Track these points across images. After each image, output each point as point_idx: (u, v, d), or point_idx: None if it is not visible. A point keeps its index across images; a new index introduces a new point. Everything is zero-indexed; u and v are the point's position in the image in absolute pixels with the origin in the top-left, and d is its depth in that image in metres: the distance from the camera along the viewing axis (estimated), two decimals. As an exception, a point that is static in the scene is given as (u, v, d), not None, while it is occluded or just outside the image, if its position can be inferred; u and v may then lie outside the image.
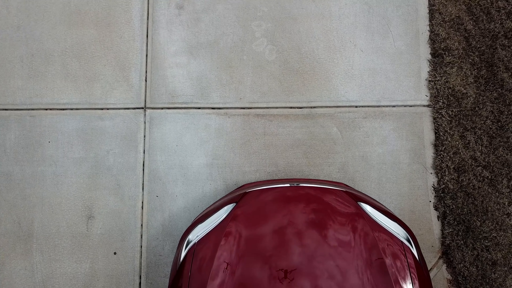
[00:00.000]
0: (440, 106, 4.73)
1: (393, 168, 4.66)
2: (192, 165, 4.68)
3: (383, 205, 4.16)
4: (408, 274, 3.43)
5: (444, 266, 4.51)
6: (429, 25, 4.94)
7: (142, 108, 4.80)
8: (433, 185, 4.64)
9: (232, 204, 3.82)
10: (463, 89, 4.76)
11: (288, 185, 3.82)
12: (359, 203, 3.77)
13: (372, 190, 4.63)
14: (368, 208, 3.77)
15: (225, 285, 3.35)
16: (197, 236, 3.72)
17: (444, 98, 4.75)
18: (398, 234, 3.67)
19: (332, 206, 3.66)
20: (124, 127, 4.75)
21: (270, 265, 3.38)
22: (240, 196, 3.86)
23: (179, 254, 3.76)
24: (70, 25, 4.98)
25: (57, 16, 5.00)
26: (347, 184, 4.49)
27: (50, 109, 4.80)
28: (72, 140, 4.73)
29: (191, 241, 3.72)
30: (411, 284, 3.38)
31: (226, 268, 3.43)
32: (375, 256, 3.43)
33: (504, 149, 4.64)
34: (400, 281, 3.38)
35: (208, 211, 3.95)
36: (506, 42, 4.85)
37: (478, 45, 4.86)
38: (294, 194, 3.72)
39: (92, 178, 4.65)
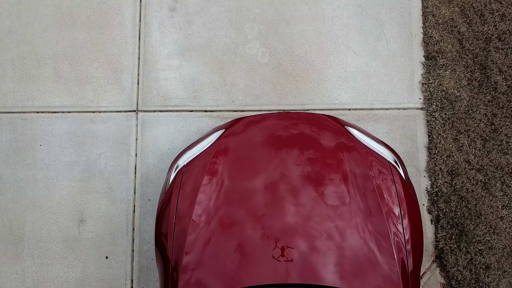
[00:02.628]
0: (433, 109, 4.74)
1: (386, 171, 4.64)
2: (184, 169, 4.66)
3: (369, 132, 4.23)
4: (396, 194, 3.51)
5: (438, 270, 4.49)
6: (422, 27, 4.95)
7: (134, 111, 4.79)
8: (427, 188, 4.63)
9: (221, 130, 3.92)
10: (456, 91, 4.76)
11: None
12: (346, 127, 3.87)
13: (365, 194, 4.60)
14: (355, 132, 3.86)
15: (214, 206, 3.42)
16: (186, 160, 3.82)
17: (438, 101, 4.75)
18: (386, 156, 3.76)
19: (321, 130, 3.73)
20: (116, 130, 4.74)
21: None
22: (230, 123, 3.93)
23: (168, 178, 3.87)
24: (61, 28, 4.96)
25: (48, 18, 4.99)
26: None
27: (42, 112, 4.79)
28: (63, 143, 4.72)
29: (180, 166, 3.83)
30: (398, 206, 3.46)
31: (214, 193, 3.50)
32: (365, 182, 3.50)
33: (498, 152, 4.64)
34: (387, 202, 3.45)
35: (198, 139, 4.05)
36: (500, 45, 4.84)
37: (472, 48, 4.87)
38: (285, 124, 3.76)
39: (84, 181, 4.64)
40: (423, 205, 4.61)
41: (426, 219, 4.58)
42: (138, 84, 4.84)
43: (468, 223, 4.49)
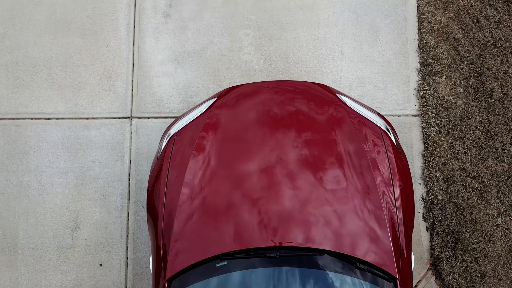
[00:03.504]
0: (429, 115, 4.73)
1: (381, 178, 4.62)
2: (179, 176, 4.63)
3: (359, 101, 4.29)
4: (388, 164, 3.57)
5: (433, 278, 4.48)
6: (418, 33, 4.94)
7: (129, 117, 4.78)
8: (422, 195, 4.62)
9: (213, 99, 3.95)
10: (452, 98, 4.76)
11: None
12: (337, 95, 3.91)
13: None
14: (347, 100, 3.91)
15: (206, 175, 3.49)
16: (178, 128, 3.87)
17: (433, 108, 4.74)
18: (377, 122, 3.82)
19: (313, 102, 3.78)
20: (110, 137, 4.73)
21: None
22: (223, 93, 3.97)
23: (160, 147, 3.93)
24: (56, 34, 4.96)
25: (42, 24, 4.98)
26: None
27: (36, 119, 4.79)
28: (57, 150, 4.71)
29: (171, 134, 3.89)
30: (390, 175, 3.52)
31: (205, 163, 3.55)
32: (354, 147, 3.57)
33: (493, 160, 4.62)
34: (382, 173, 3.52)
35: (191, 108, 4.10)
36: (496, 51, 4.83)
37: (467, 54, 4.86)
38: (278, 99, 3.80)
39: (78, 188, 4.63)
40: (419, 212, 4.59)
41: (421, 226, 4.57)
42: (132, 90, 4.83)
43: (463, 231, 4.48)
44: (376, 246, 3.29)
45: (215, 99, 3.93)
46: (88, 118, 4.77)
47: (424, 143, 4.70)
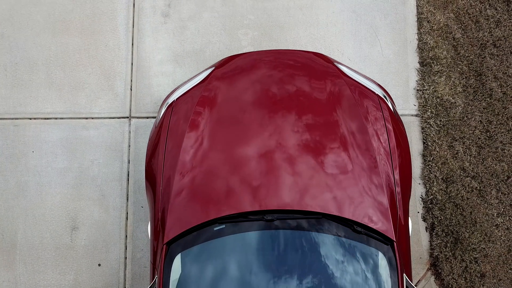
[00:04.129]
0: (428, 115, 4.73)
1: (380, 178, 4.61)
2: (177, 176, 4.62)
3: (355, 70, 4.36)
4: (385, 129, 3.64)
5: (433, 278, 4.47)
6: (417, 33, 4.94)
7: (127, 117, 4.78)
8: (421, 195, 4.61)
9: (212, 68, 3.99)
10: (451, 98, 4.76)
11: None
12: (335, 63, 3.95)
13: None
14: (344, 68, 3.95)
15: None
16: (176, 96, 3.91)
17: (433, 108, 4.74)
18: (375, 89, 3.88)
19: (311, 73, 3.84)
20: (108, 137, 4.72)
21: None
22: (222, 62, 4.00)
23: (158, 115, 3.96)
24: (54, 33, 4.95)
25: (41, 24, 4.97)
26: None
27: (34, 119, 4.78)
28: (56, 150, 4.70)
29: (169, 102, 3.94)
30: (387, 139, 3.59)
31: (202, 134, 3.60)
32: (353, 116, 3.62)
33: (493, 160, 4.62)
34: (378, 135, 3.59)
35: (190, 77, 4.13)
36: (495, 51, 4.83)
37: (467, 54, 4.86)
38: (277, 75, 3.81)
39: (76, 188, 4.62)
40: (418, 212, 4.59)
41: (420, 226, 4.55)
42: (131, 90, 4.83)
43: (463, 231, 4.48)
44: (373, 210, 3.34)
45: (214, 68, 3.97)
46: (87, 118, 4.77)
47: (424, 143, 4.70)
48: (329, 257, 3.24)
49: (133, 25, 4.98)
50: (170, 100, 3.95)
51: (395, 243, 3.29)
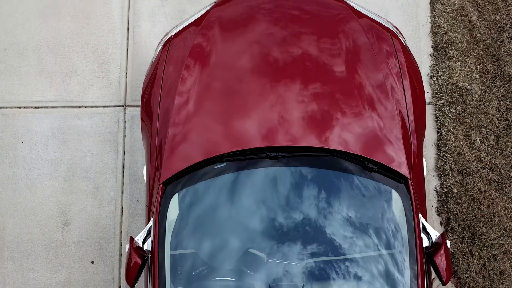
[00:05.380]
0: (442, 103, 4.67)
1: (392, 170, 4.52)
2: (176, 167, 4.54)
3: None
4: (398, 63, 3.59)
5: None
6: (430, 16, 4.91)
7: (122, 106, 4.77)
8: (436, 188, 4.54)
9: (210, 5, 3.96)
10: (467, 85, 4.69)
11: None
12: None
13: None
14: (353, 4, 3.89)
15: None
16: (173, 32, 3.88)
17: (447, 95, 4.69)
18: (385, 23, 3.85)
19: (321, 18, 3.74)
20: (102, 127, 4.69)
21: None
22: (223, 1, 3.93)
23: (156, 50, 3.94)
24: (45, 18, 4.94)
25: (31, 7, 4.96)
26: None
27: (24, 108, 4.76)
28: (47, 141, 4.65)
29: (167, 37, 3.91)
30: (400, 74, 3.54)
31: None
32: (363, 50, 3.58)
33: (512, 150, 4.60)
34: (391, 69, 3.53)
35: (190, 16, 4.13)
36: (514, 34, 4.83)
37: (484, 38, 4.80)
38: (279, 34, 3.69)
39: (68, 181, 4.57)
40: (432, 206, 4.52)
41: (435, 221, 4.49)
42: (126, 77, 4.82)
43: (480, 226, 4.40)
44: (386, 146, 3.23)
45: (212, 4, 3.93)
46: (79, 107, 4.73)
47: (438, 132, 4.65)
48: (338, 196, 3.14)
49: (128, 9, 4.97)
50: (167, 37, 3.89)
51: (409, 181, 3.20)
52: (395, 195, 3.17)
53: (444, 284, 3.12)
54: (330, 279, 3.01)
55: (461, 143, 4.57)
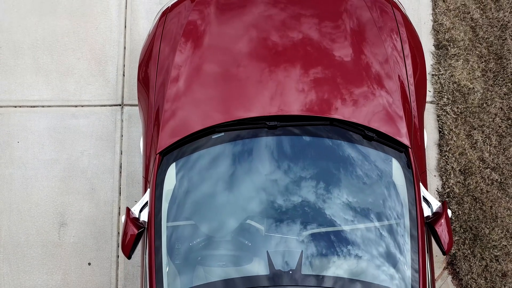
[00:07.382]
0: (444, 102, 4.64)
1: (393, 170, 4.51)
2: (174, 167, 4.51)
3: None
4: (398, 29, 3.58)
5: (450, 278, 4.39)
6: (432, 14, 4.87)
7: (120, 105, 4.74)
8: (437, 189, 4.52)
9: None
10: (469, 83, 4.66)
11: None
12: None
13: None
14: None
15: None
16: (170, 3, 3.87)
17: (449, 94, 4.65)
18: None
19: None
20: (99, 126, 4.67)
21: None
22: None
23: (154, 21, 3.94)
24: (41, 15, 4.91)
25: (27, 5, 4.93)
26: None
27: (20, 107, 4.73)
28: (43, 140, 4.63)
29: (164, 8, 3.92)
30: (400, 42, 3.53)
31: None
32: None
33: (515, 149, 4.58)
34: (391, 38, 3.53)
35: None
36: (517, 32, 4.80)
37: (486, 36, 4.76)
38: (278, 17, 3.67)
39: (65, 181, 4.55)
40: None
41: None
42: (123, 76, 4.79)
43: (482, 227, 4.38)
44: (386, 115, 3.22)
45: None
46: (76, 106, 4.71)
47: (440, 132, 4.63)
48: (337, 166, 3.12)
49: (126, 6, 4.94)
50: (164, 8, 3.88)
51: (410, 150, 3.20)
52: (395, 164, 3.17)
53: (444, 254, 3.10)
54: (330, 248, 3.00)
55: (463, 142, 4.55)
